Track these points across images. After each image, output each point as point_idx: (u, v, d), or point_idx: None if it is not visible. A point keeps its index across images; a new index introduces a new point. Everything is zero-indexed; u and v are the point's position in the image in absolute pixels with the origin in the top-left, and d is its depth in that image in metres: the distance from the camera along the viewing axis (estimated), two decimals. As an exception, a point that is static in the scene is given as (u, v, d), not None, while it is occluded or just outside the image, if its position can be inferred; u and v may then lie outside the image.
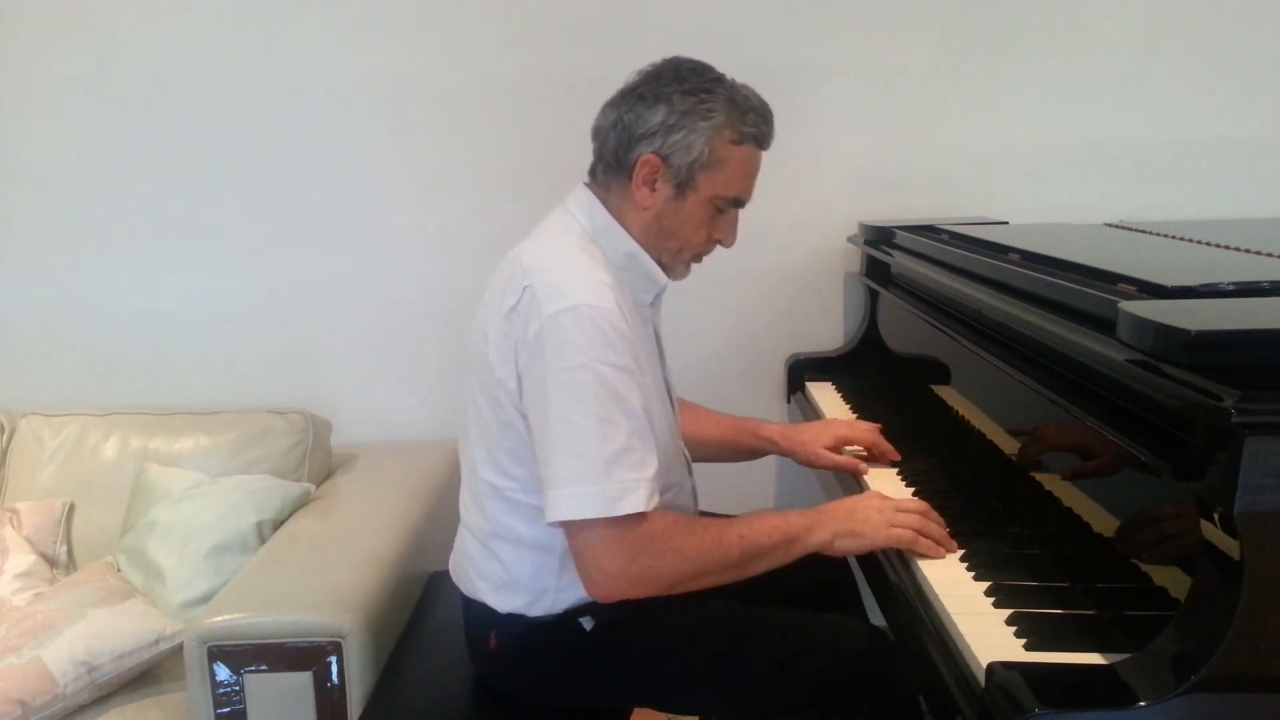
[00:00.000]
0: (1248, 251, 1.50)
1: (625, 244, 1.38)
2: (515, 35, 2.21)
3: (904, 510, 1.33)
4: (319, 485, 2.10)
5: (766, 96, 1.40)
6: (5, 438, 2.18)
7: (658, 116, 1.32)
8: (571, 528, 1.24)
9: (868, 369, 2.25)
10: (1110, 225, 2.06)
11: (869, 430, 1.68)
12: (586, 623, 1.37)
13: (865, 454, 1.68)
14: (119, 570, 1.92)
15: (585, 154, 1.46)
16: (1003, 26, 2.23)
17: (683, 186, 1.35)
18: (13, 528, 1.98)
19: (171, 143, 2.25)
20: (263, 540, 1.88)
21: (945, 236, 1.92)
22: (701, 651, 1.38)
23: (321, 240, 2.30)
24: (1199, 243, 1.65)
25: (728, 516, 1.39)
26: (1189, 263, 1.53)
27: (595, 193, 1.41)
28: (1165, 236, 1.77)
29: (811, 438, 1.68)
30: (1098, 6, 2.21)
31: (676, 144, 1.32)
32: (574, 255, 1.32)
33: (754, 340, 2.35)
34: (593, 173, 1.43)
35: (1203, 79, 2.24)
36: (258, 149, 2.26)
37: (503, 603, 1.39)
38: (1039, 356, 1.31)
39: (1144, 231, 1.87)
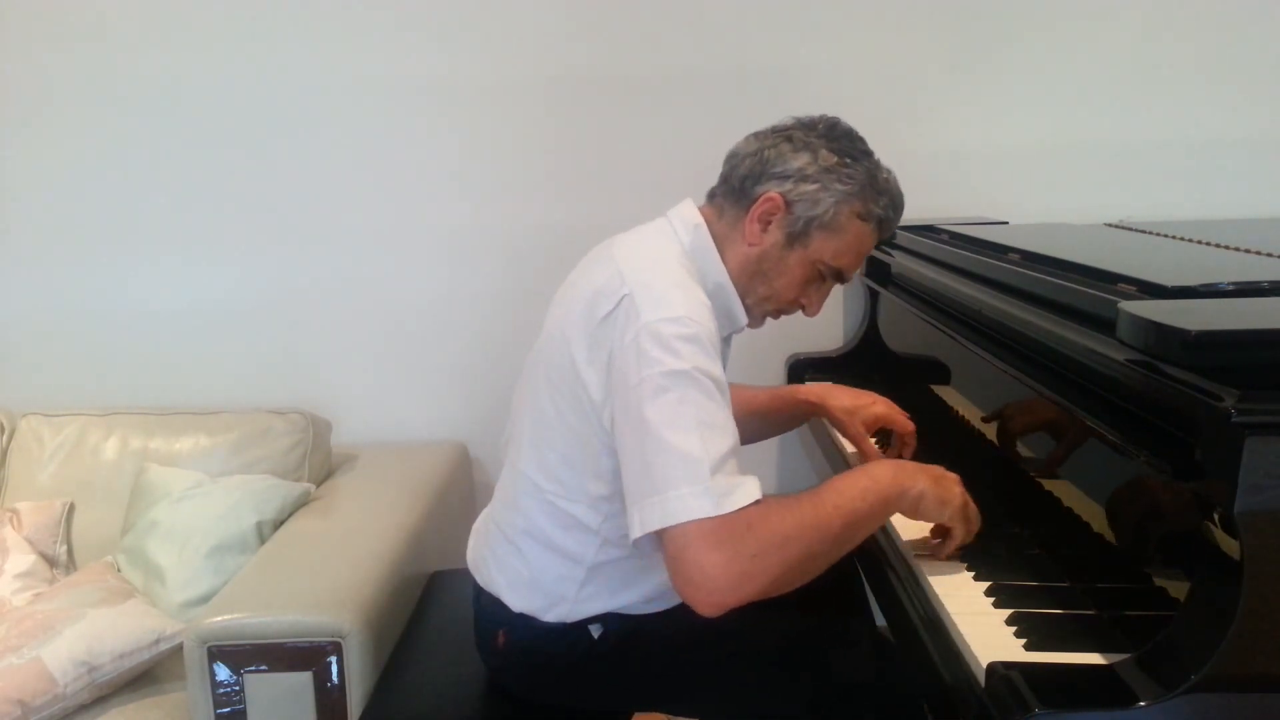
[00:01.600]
0: (1248, 251, 1.50)
1: (718, 275, 1.34)
2: (522, 36, 2.21)
3: (971, 506, 1.29)
4: (319, 485, 2.10)
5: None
6: (5, 438, 2.18)
7: (798, 162, 1.30)
8: (670, 534, 1.11)
9: (868, 369, 2.25)
10: (1110, 225, 2.06)
11: (906, 421, 1.61)
12: (595, 630, 1.37)
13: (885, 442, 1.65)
14: (119, 570, 1.92)
15: (593, 158, 1.44)
16: (1002, 27, 2.23)
17: (794, 238, 1.32)
18: (13, 528, 1.98)
19: (172, 143, 2.25)
20: (263, 540, 1.87)
21: (945, 236, 1.92)
22: (706, 655, 1.37)
23: (322, 240, 2.30)
24: (1199, 243, 1.65)
25: (798, 498, 1.21)
26: (1189, 263, 1.53)
27: (705, 214, 1.37)
28: (1165, 236, 1.77)
29: (852, 405, 1.60)
30: (1098, 6, 2.21)
31: (805, 194, 1.29)
32: (675, 270, 1.27)
33: (754, 340, 2.33)
34: (711, 194, 1.40)
35: (1203, 79, 2.24)
36: (259, 149, 2.25)
37: (517, 601, 1.38)
38: (1039, 356, 1.31)
39: (1144, 231, 1.87)
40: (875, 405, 1.61)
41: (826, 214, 1.30)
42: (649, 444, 1.13)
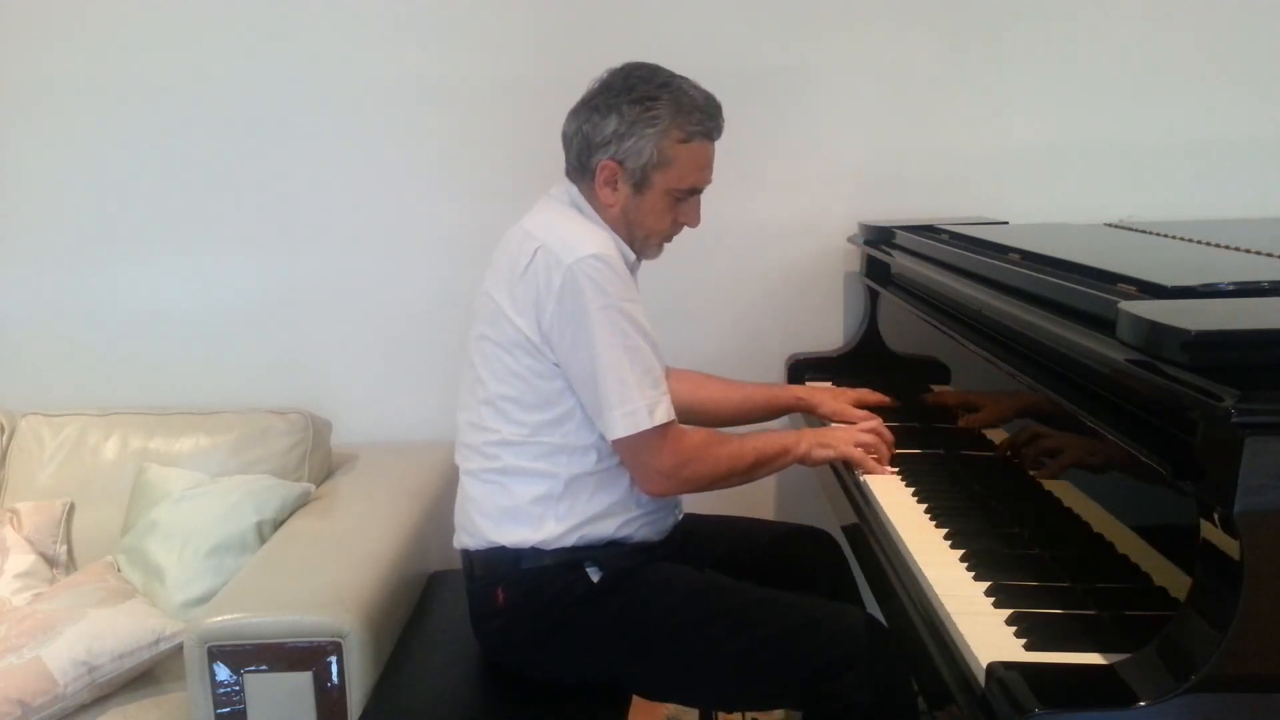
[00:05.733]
0: (1248, 251, 1.50)
1: (601, 223, 1.53)
2: (518, 37, 2.21)
3: (864, 431, 1.63)
4: (319, 485, 2.10)
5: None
6: (5, 438, 2.18)
7: (610, 126, 1.47)
8: (627, 442, 1.42)
9: (868, 369, 2.25)
10: (1110, 225, 2.06)
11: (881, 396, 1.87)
12: (594, 573, 1.45)
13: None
14: (119, 570, 1.92)
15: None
16: (1003, 27, 2.23)
17: (639, 185, 1.50)
18: (13, 528, 1.98)
19: (172, 142, 2.25)
20: (263, 540, 1.88)
21: (945, 236, 1.92)
22: (700, 621, 1.43)
23: (322, 240, 2.30)
24: (1199, 243, 1.65)
25: (733, 436, 1.56)
26: (1189, 263, 1.53)
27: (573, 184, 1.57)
28: (1165, 236, 1.77)
29: (835, 392, 1.86)
30: (1098, 7, 2.21)
31: (629, 150, 1.47)
32: (575, 217, 1.51)
33: (754, 340, 2.35)
34: (567, 172, 1.58)
35: (1204, 79, 2.24)
36: (259, 149, 2.25)
37: (507, 534, 1.47)
38: (1039, 356, 1.31)
39: (1144, 231, 1.87)
40: (852, 391, 1.88)
41: (653, 156, 1.47)
42: (599, 371, 1.40)
